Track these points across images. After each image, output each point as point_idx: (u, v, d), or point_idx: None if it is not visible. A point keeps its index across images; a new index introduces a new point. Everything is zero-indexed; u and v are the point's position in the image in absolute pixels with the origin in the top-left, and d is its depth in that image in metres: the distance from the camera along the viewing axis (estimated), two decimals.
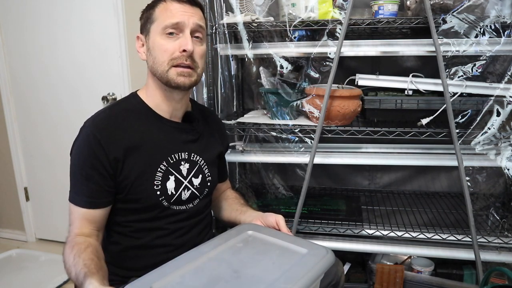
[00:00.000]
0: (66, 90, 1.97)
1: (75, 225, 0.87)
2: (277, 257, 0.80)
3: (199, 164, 1.00)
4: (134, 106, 0.94)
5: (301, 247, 0.83)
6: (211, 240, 0.85)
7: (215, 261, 0.78)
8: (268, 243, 0.86)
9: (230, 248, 0.83)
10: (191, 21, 0.88)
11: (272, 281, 0.70)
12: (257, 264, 0.77)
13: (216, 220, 1.50)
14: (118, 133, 0.88)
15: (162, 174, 0.92)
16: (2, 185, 2.27)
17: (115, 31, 1.80)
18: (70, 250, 0.81)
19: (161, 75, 0.89)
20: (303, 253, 0.81)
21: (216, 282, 0.70)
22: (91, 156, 0.85)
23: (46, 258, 2.04)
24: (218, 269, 0.75)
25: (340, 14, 1.27)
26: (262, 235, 0.89)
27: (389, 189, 1.73)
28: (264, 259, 0.79)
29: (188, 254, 0.79)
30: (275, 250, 0.83)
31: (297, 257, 0.79)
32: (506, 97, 1.21)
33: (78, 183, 0.87)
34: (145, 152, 0.90)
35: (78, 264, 0.77)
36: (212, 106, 1.44)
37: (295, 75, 1.51)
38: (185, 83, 0.89)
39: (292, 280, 0.70)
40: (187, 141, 0.98)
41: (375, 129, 1.28)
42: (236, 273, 0.73)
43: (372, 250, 1.41)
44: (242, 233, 0.89)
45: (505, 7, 1.17)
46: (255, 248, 0.84)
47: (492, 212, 1.45)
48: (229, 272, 0.73)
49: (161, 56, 0.88)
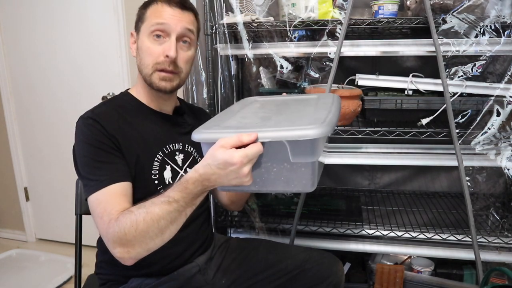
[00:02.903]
0: (66, 90, 1.97)
1: (111, 206, 0.77)
2: (297, 104, 0.86)
3: (193, 155, 1.01)
4: (126, 102, 0.96)
5: (310, 96, 0.93)
6: (223, 114, 0.85)
7: (249, 113, 0.83)
8: (280, 100, 0.94)
9: (251, 109, 0.88)
10: (178, 26, 0.89)
11: (311, 113, 0.76)
12: (285, 111, 0.82)
13: (216, 220, 1.50)
14: (115, 124, 0.88)
15: (159, 164, 0.93)
16: (2, 185, 2.27)
17: (115, 30, 1.80)
18: (128, 217, 0.71)
19: (145, 77, 0.92)
20: (315, 97, 0.91)
21: (268, 118, 0.76)
22: (100, 136, 0.84)
23: (46, 258, 2.04)
24: (259, 115, 0.81)
25: (340, 14, 1.27)
26: (269, 99, 0.97)
27: (389, 189, 1.72)
28: (288, 107, 0.85)
29: (217, 119, 0.80)
30: (291, 101, 0.90)
31: (313, 100, 0.88)
32: (506, 97, 1.21)
33: (95, 169, 0.82)
34: (142, 142, 0.91)
35: (148, 204, 0.72)
36: (212, 106, 1.44)
37: (295, 75, 1.51)
38: (166, 87, 0.92)
39: (325, 109, 0.76)
40: (180, 133, 1.00)
41: (375, 129, 1.28)
42: (276, 115, 0.80)
43: (372, 250, 1.42)
44: (249, 103, 0.95)
45: (505, 7, 1.17)
46: (273, 105, 0.90)
47: (492, 212, 1.45)
48: (270, 115, 0.80)
49: (146, 59, 0.90)
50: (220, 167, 0.66)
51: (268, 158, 0.68)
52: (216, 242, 1.11)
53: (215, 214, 1.50)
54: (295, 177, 0.69)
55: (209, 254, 1.06)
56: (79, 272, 1.09)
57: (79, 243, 1.09)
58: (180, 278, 0.96)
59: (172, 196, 0.71)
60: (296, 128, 0.65)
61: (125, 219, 0.71)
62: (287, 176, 0.69)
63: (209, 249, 1.06)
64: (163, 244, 0.74)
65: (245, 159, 0.64)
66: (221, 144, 0.65)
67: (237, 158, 0.64)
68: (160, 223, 0.70)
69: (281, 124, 0.71)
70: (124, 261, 0.73)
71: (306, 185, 0.70)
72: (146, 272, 0.93)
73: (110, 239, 0.73)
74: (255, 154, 0.65)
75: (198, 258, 1.01)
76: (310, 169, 0.68)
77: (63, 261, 1.97)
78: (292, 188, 0.71)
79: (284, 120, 0.75)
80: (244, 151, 0.64)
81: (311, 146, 0.66)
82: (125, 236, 0.70)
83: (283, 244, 1.16)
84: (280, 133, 0.65)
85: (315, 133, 0.63)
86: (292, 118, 0.75)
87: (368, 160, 1.41)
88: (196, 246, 1.01)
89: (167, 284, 0.93)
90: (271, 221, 1.47)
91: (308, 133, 0.63)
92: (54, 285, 1.79)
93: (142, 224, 0.70)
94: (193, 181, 0.70)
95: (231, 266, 1.05)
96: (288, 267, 1.03)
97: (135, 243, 0.71)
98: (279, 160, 0.68)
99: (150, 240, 0.71)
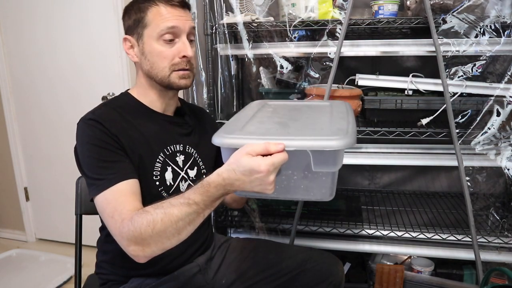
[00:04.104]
0: (66, 90, 1.97)
1: (121, 205, 0.77)
2: (310, 111, 0.85)
3: (193, 157, 1.01)
4: (127, 103, 0.96)
5: (321, 102, 0.93)
6: (237, 117, 0.83)
7: (265, 118, 0.82)
8: (291, 106, 0.92)
9: (265, 113, 0.86)
10: (186, 26, 0.90)
11: (327, 122, 0.77)
12: (300, 118, 0.81)
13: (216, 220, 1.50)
14: (117, 125, 0.87)
15: (161, 165, 0.92)
16: (2, 185, 2.27)
17: (115, 31, 1.80)
18: (144, 216, 0.71)
19: (162, 80, 0.91)
20: (328, 104, 0.90)
21: (286, 124, 0.76)
22: (103, 136, 0.83)
23: (46, 258, 2.04)
24: (274, 120, 0.80)
25: (340, 14, 1.27)
26: (280, 103, 0.95)
27: (389, 189, 1.72)
28: (302, 114, 0.83)
29: (234, 123, 0.78)
30: (303, 107, 0.88)
31: (326, 108, 0.86)
32: (506, 97, 1.21)
33: (101, 169, 0.81)
34: (144, 143, 0.90)
35: (166, 205, 0.71)
36: (212, 106, 1.44)
37: (295, 75, 1.51)
38: (187, 84, 0.93)
39: (342, 118, 0.77)
40: (181, 134, 1.00)
41: (375, 129, 1.28)
42: (292, 120, 0.79)
43: (372, 250, 1.42)
44: (261, 106, 0.92)
45: (505, 7, 1.17)
46: (286, 110, 0.88)
47: (492, 212, 1.45)
48: (286, 121, 0.79)
49: (161, 62, 0.90)
50: (245, 174, 0.66)
51: (289, 166, 0.69)
52: (216, 242, 1.11)
53: (215, 214, 1.50)
54: (315, 186, 0.71)
55: (209, 254, 1.06)
56: (79, 272, 1.09)
57: (79, 243, 1.09)
58: (180, 278, 0.96)
59: (193, 198, 0.71)
60: (321, 139, 0.66)
61: (141, 219, 0.71)
62: (307, 184, 0.71)
63: (209, 249, 1.06)
64: (179, 243, 0.74)
65: (272, 168, 0.65)
66: (247, 151, 0.66)
67: (264, 166, 0.64)
68: (178, 224, 0.70)
69: (302, 132, 0.72)
70: (138, 258, 0.73)
71: (325, 194, 0.73)
72: (147, 272, 0.93)
73: (125, 237, 0.72)
74: (281, 163, 0.65)
75: (198, 258, 1.01)
76: (331, 178, 0.71)
77: (63, 261, 1.97)
78: (311, 197, 0.73)
79: (303, 128, 0.75)
80: (271, 159, 0.64)
81: (334, 157, 0.67)
82: (140, 235, 0.70)
83: (283, 244, 1.16)
84: (306, 143, 0.66)
85: (340, 144, 0.64)
86: (310, 126, 0.76)
87: (368, 160, 1.41)
88: (196, 246, 1.01)
89: (167, 284, 0.93)
90: (271, 221, 1.47)
91: (332, 144, 0.64)
92: (54, 285, 1.79)
93: (159, 224, 0.70)
94: (215, 184, 0.69)
95: (231, 266, 1.05)
96: (288, 267, 1.03)
97: (150, 242, 0.71)
98: (300, 168, 0.69)
99: (166, 240, 0.71)
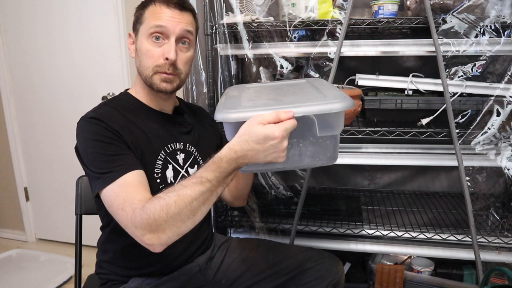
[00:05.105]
0: (66, 90, 1.97)
1: (131, 196, 0.76)
2: (292, 88, 0.88)
3: (194, 155, 1.01)
4: (127, 102, 0.96)
5: (298, 80, 0.98)
6: (227, 99, 0.84)
7: (254, 97, 0.84)
8: (272, 86, 0.96)
9: (251, 94, 0.88)
10: (177, 28, 0.88)
11: (315, 92, 0.80)
12: (287, 93, 0.84)
13: (216, 220, 1.50)
14: (119, 122, 0.87)
15: (162, 163, 0.93)
16: (2, 185, 2.27)
17: (115, 31, 1.80)
18: (156, 202, 0.70)
19: (146, 79, 0.92)
20: (304, 81, 0.94)
21: (278, 99, 0.78)
22: (106, 132, 0.83)
23: (46, 258, 2.04)
24: (265, 97, 0.82)
25: (340, 14, 1.27)
26: (259, 85, 0.99)
27: (389, 189, 1.72)
28: (287, 91, 0.87)
29: (229, 103, 0.80)
30: (283, 86, 0.93)
31: (306, 84, 0.91)
32: (506, 97, 1.21)
33: (106, 163, 0.80)
34: (145, 140, 0.90)
35: (177, 188, 0.72)
36: (212, 106, 1.44)
37: (295, 75, 1.51)
38: (167, 88, 0.92)
39: (330, 88, 0.81)
40: (181, 132, 1.00)
41: (375, 129, 1.28)
42: (281, 96, 0.82)
43: (372, 250, 1.42)
44: (242, 90, 0.94)
45: (505, 7, 1.17)
46: (269, 89, 0.92)
47: (492, 212, 1.45)
48: (275, 97, 0.82)
49: (146, 61, 0.90)
50: (259, 142, 0.68)
51: (294, 135, 0.72)
52: (216, 242, 1.11)
53: (215, 214, 1.50)
54: (320, 151, 0.75)
55: (209, 254, 1.06)
56: (79, 272, 1.09)
57: (79, 243, 1.09)
58: (180, 278, 0.96)
59: (205, 176, 0.71)
60: (326, 103, 0.70)
61: (153, 205, 0.70)
62: (313, 150, 0.75)
63: (209, 249, 1.06)
64: (194, 226, 0.74)
65: (285, 133, 0.67)
66: (259, 121, 0.68)
67: (278, 132, 0.66)
68: (192, 204, 0.70)
69: (300, 102, 0.74)
70: (153, 248, 0.73)
71: (330, 158, 0.76)
72: (147, 271, 0.93)
73: (138, 227, 0.71)
74: (292, 129, 0.68)
75: (198, 258, 1.01)
76: (334, 141, 0.75)
77: (63, 261, 1.97)
78: (317, 162, 0.76)
79: (297, 100, 0.77)
80: (283, 125, 0.67)
81: (337, 119, 0.72)
82: (155, 221, 0.70)
83: (283, 244, 1.16)
84: (313, 108, 0.70)
85: (344, 106, 0.69)
86: (303, 98, 0.79)
87: (368, 160, 1.41)
88: (196, 246, 1.01)
89: (167, 284, 0.93)
90: (271, 221, 1.47)
91: (337, 106, 0.69)
92: (54, 285, 1.79)
93: (173, 207, 0.69)
94: (227, 159, 0.70)
95: (231, 266, 1.05)
96: (288, 267, 1.03)
97: (166, 227, 0.70)
98: (305, 135, 0.73)
99: (181, 223, 0.71)
